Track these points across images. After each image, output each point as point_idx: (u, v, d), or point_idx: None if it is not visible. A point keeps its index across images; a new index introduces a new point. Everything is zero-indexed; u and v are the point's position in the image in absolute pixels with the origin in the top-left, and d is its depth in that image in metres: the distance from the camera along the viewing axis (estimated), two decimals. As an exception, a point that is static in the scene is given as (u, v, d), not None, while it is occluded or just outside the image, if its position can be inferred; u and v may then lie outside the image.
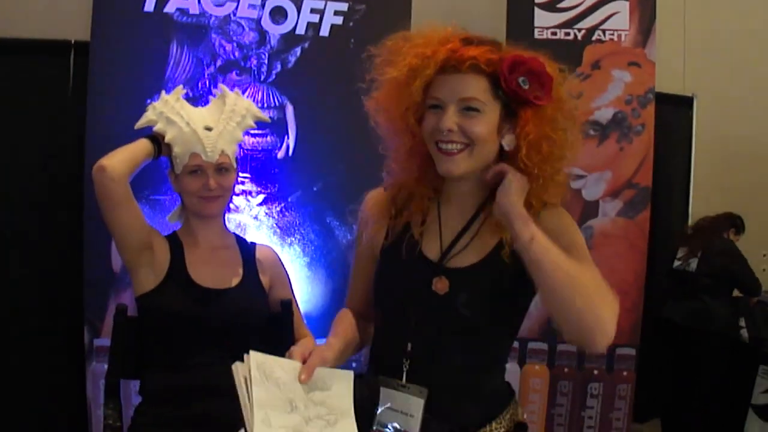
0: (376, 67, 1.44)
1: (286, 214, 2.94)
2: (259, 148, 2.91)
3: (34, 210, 3.20)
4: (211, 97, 2.08)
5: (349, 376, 1.34)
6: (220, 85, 2.14)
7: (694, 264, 3.68)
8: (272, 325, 2.04)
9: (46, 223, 3.19)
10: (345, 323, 1.54)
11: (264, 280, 2.06)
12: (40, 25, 3.22)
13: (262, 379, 1.24)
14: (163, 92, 1.99)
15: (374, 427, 1.36)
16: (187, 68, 2.89)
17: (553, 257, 1.27)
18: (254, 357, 1.26)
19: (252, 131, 2.85)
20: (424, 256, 1.44)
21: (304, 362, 1.30)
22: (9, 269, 3.19)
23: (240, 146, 2.84)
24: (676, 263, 3.69)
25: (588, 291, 1.27)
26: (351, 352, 1.50)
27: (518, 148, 1.36)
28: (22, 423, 3.24)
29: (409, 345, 1.40)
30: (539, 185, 1.38)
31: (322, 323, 2.91)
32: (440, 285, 1.39)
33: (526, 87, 1.33)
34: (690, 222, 4.02)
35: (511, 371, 3.02)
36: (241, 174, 2.88)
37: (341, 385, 1.32)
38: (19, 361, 3.20)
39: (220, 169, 1.93)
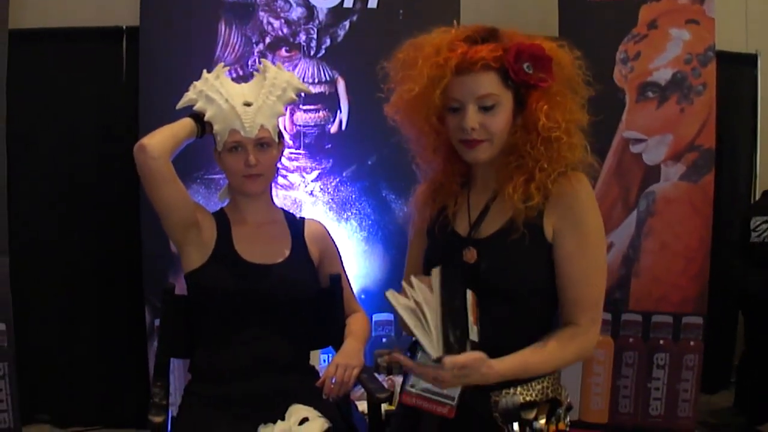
0: (391, 78, 1.57)
1: (342, 189, 2.93)
2: (312, 124, 2.90)
3: (90, 193, 3.27)
4: (255, 72, 2.06)
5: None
6: (262, 60, 2.11)
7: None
8: (321, 300, 2.02)
9: (103, 204, 3.26)
10: None
11: (313, 254, 2.04)
12: (92, 13, 3.26)
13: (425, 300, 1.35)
14: (205, 71, 1.98)
15: (412, 389, 1.41)
16: (237, 47, 2.89)
17: (517, 369, 1.43)
18: (416, 282, 1.38)
19: (304, 107, 2.85)
20: (455, 232, 1.58)
21: None
22: (68, 251, 3.26)
23: (293, 122, 2.87)
24: (753, 235, 3.47)
25: (553, 362, 1.48)
26: None
27: (534, 123, 1.47)
28: (87, 401, 3.34)
29: None
30: (555, 150, 1.47)
31: (379, 298, 2.91)
32: (469, 255, 1.51)
33: (531, 72, 1.45)
34: (758, 184, 3.86)
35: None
36: (295, 150, 2.88)
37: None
38: (84, 340, 3.29)
39: (261, 144, 1.91)
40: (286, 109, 2.03)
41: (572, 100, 1.51)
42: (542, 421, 1.48)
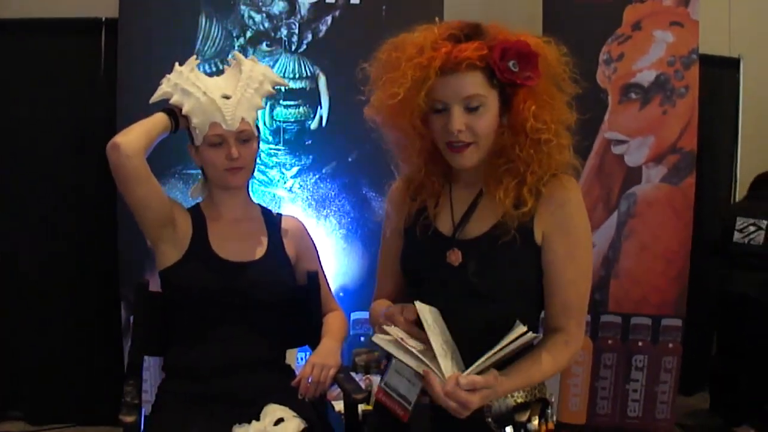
0: (372, 80, 1.51)
1: (321, 185, 2.90)
2: (292, 120, 2.87)
3: (67, 186, 3.22)
4: (225, 66, 2.03)
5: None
6: (234, 53, 2.06)
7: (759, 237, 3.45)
8: (298, 298, 2.00)
9: (80, 199, 3.21)
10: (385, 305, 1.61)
11: (290, 251, 2.01)
12: (71, 4, 3.21)
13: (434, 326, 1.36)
14: (176, 64, 1.93)
15: (381, 385, 1.41)
16: (217, 41, 2.86)
17: (522, 383, 1.43)
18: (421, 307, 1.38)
19: (285, 102, 2.83)
20: (438, 232, 1.54)
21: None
22: (45, 245, 3.21)
23: (273, 118, 2.84)
24: (737, 235, 3.45)
25: (551, 371, 1.47)
26: None
27: (521, 124, 1.44)
28: (62, 399, 3.30)
29: None
30: (545, 152, 1.45)
31: (358, 296, 2.89)
32: (453, 257, 1.48)
33: (516, 70, 1.42)
34: (738, 188, 3.88)
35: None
36: (274, 146, 2.85)
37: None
38: (59, 337, 3.24)
39: (242, 138, 1.88)
40: (266, 103, 1.99)
41: (559, 99, 1.47)
42: (535, 422, 1.47)
